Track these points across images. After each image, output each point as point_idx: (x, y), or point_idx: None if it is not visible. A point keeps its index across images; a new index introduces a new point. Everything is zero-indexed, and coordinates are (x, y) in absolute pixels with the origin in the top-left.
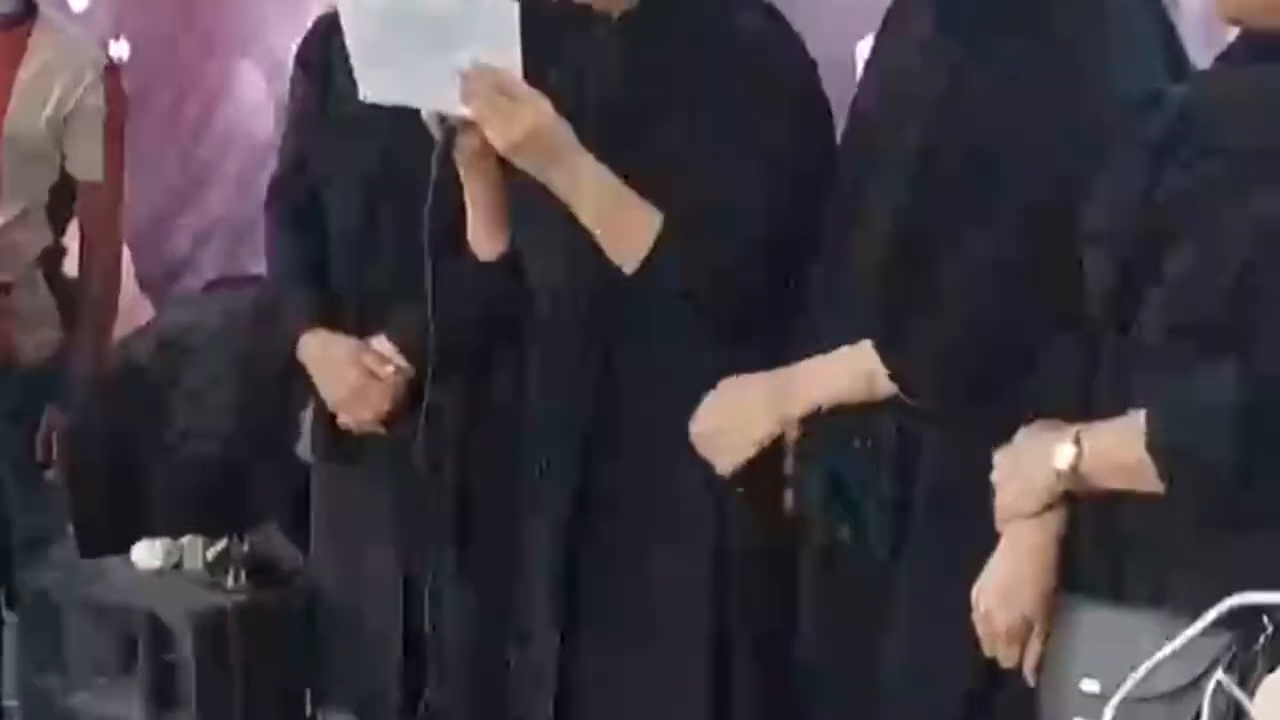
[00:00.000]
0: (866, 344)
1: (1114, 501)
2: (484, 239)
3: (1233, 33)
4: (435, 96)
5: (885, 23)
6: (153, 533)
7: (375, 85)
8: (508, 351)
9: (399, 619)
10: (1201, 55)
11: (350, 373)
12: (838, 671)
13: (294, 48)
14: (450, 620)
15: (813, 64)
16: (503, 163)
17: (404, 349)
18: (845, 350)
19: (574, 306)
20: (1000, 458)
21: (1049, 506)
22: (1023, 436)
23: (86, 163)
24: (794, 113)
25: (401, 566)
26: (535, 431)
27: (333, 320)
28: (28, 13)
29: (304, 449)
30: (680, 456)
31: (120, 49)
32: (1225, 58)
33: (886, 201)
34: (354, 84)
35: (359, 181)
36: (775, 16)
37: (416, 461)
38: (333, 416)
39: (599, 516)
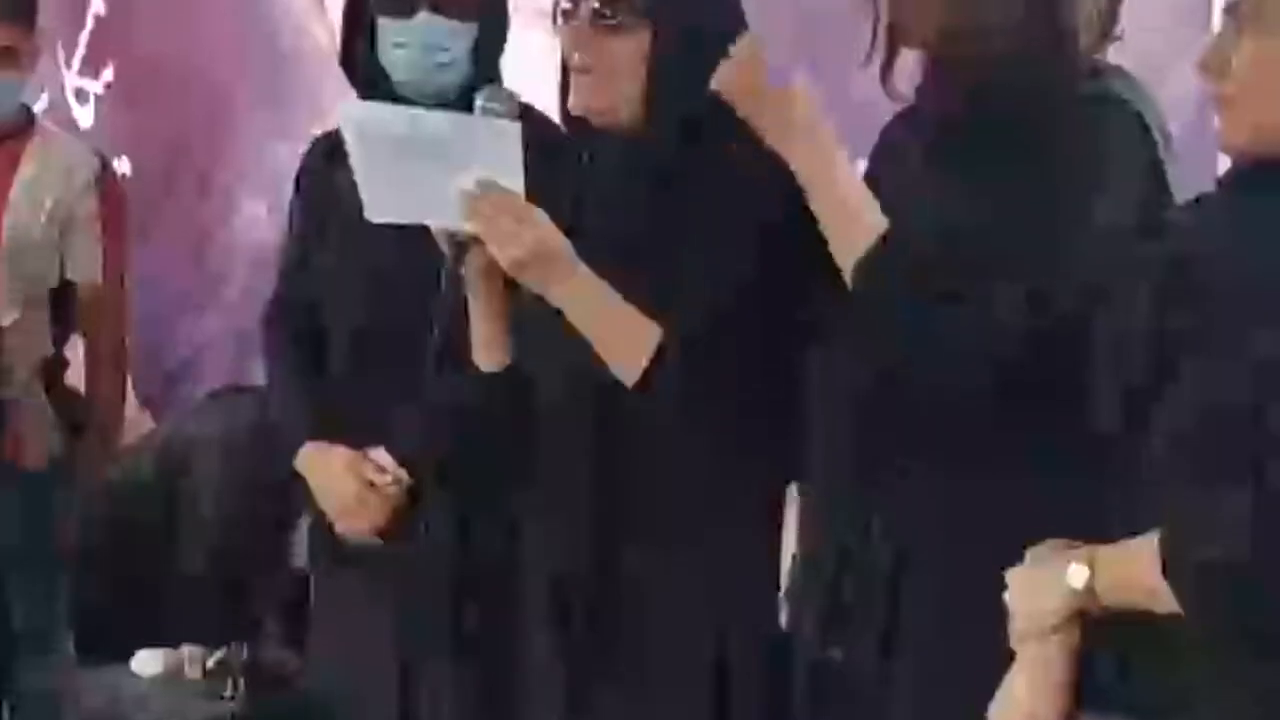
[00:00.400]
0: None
1: (1127, 619)
2: (486, 351)
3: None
4: (440, 215)
5: (876, 155)
6: (153, 641)
7: (380, 206)
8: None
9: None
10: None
11: (349, 484)
12: None
13: (296, 163)
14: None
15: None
16: (508, 278)
17: (402, 460)
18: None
19: (576, 415)
20: (1013, 577)
21: (1061, 626)
22: (1034, 556)
23: (84, 266)
24: (787, 236)
25: (398, 651)
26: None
27: (332, 429)
28: (27, 122)
29: (302, 557)
30: (681, 555)
31: (123, 166)
32: (1223, 185)
33: None
34: (351, 202)
35: (358, 297)
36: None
37: (419, 566)
38: (331, 526)
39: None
